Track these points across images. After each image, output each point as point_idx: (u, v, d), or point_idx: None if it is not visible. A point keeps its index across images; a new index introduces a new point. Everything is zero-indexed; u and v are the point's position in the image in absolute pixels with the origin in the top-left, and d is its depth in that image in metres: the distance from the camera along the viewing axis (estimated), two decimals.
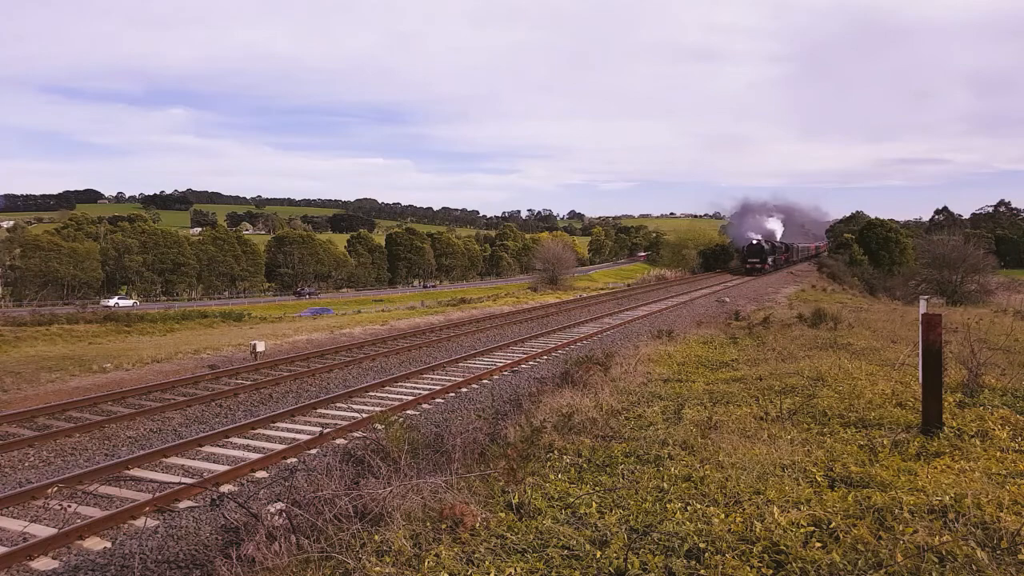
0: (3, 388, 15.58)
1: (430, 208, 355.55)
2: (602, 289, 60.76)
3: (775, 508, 5.28)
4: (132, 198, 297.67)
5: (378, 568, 4.60)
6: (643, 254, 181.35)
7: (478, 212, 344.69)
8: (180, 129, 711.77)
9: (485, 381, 15.66)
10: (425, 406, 13.31)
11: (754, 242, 69.83)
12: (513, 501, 5.76)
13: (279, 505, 6.22)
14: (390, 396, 14.27)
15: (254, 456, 10.17)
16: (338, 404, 13.61)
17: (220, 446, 10.88)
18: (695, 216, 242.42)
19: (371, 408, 12.86)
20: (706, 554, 4.59)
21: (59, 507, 7.98)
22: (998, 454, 6.82)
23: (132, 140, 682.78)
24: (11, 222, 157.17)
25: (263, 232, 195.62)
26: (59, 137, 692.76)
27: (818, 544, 4.67)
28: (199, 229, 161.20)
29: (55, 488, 8.80)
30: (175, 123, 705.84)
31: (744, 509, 5.37)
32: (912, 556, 4.32)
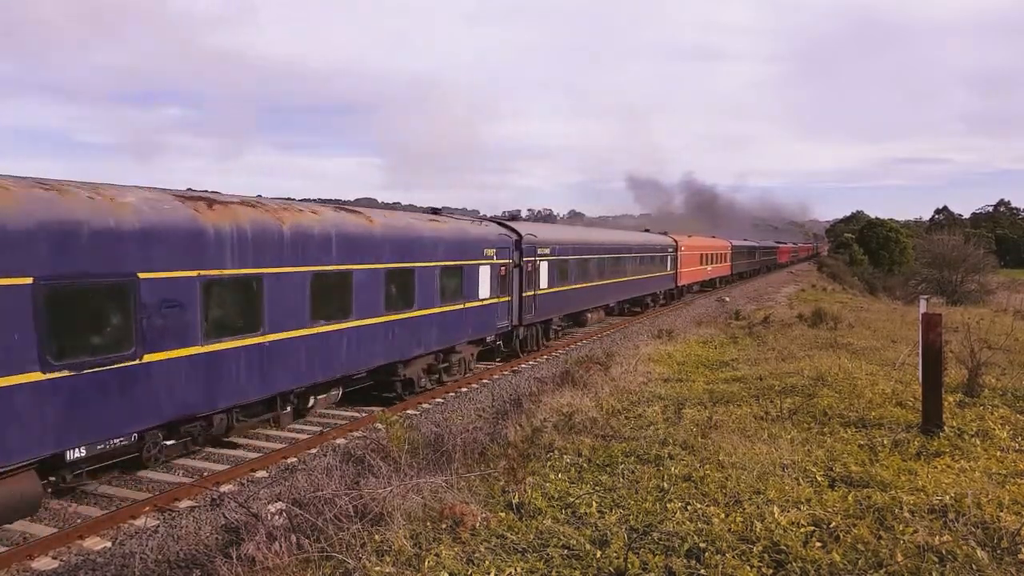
0: None
1: (431, 207, 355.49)
2: None
3: (775, 508, 5.29)
4: None
5: (378, 568, 4.60)
6: None
7: (479, 212, 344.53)
8: (179, 128, 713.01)
9: (485, 381, 15.66)
10: (425, 405, 13.30)
11: None
12: (513, 501, 5.76)
13: (279, 505, 6.22)
14: None
15: (253, 455, 10.17)
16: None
17: (220, 445, 10.85)
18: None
19: (371, 407, 12.84)
20: (706, 554, 4.59)
21: (59, 507, 7.98)
22: (998, 454, 6.83)
23: (131, 139, 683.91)
24: None
25: None
26: (58, 136, 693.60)
27: (818, 544, 4.68)
28: None
29: None
30: (174, 122, 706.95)
31: (744, 509, 5.37)
32: (912, 556, 4.33)
